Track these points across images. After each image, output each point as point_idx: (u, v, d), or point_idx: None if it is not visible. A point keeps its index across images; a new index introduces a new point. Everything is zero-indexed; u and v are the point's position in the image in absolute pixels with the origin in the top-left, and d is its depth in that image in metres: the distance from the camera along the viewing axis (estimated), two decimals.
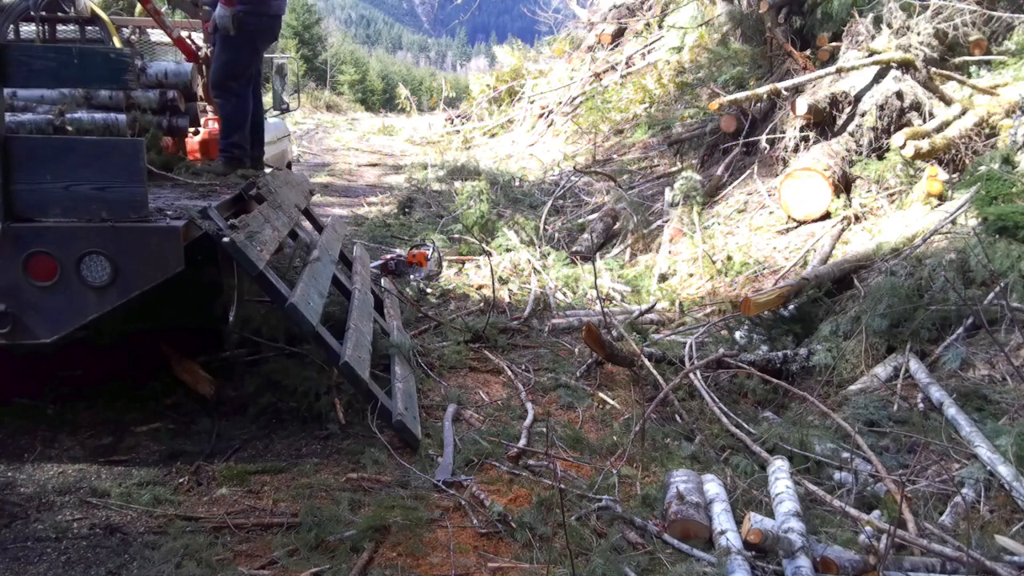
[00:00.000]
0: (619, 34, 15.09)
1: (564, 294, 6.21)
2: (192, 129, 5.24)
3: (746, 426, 3.76)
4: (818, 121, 7.02)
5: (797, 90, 7.35)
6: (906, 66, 6.64)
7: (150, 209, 3.15)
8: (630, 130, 11.69)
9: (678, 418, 4.01)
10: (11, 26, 5.12)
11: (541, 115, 14.97)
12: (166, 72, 4.78)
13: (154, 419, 3.74)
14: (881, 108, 6.63)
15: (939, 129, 6.38)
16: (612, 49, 14.85)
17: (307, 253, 4.36)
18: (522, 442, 3.60)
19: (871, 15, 7.21)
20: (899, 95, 6.64)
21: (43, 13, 5.22)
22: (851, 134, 6.76)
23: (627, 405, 4.23)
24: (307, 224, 5.53)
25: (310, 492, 3.11)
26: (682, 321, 5.60)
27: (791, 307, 4.90)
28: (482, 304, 5.78)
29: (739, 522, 2.79)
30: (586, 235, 7.59)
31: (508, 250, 7.05)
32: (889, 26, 6.99)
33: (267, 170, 5.47)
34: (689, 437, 3.79)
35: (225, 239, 3.21)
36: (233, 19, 4.36)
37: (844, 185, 6.54)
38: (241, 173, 4.53)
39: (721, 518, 2.84)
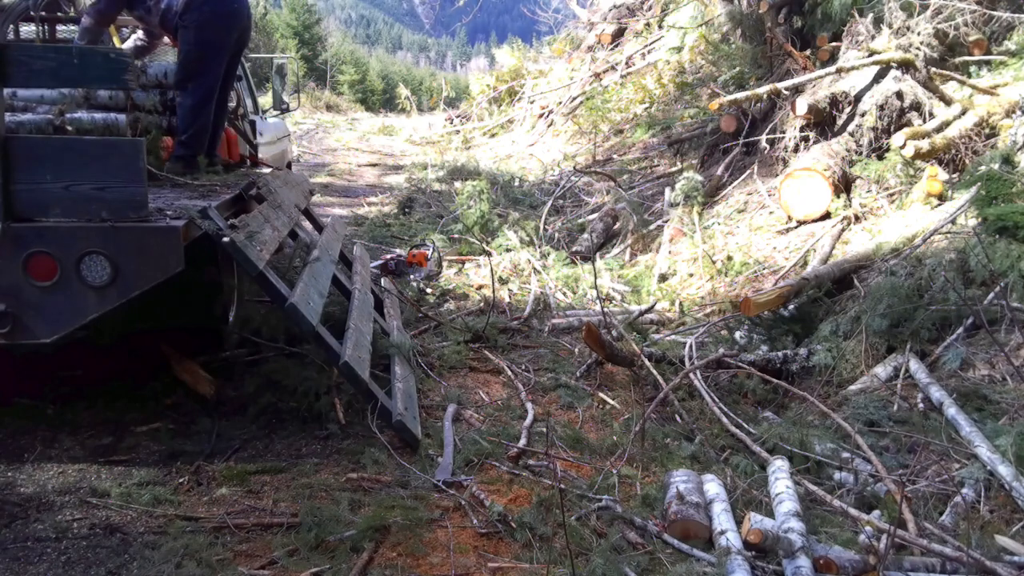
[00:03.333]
0: (619, 34, 15.09)
1: (564, 294, 6.21)
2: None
3: (746, 426, 3.76)
4: (818, 121, 7.02)
5: (797, 90, 7.35)
6: (906, 66, 6.64)
7: (150, 209, 3.15)
8: (630, 130, 11.70)
9: (678, 418, 4.01)
10: (11, 26, 5.11)
11: (541, 115, 14.98)
12: (166, 72, 4.78)
13: (154, 419, 3.73)
14: (881, 108, 6.63)
15: (939, 129, 6.38)
16: (612, 49, 14.86)
17: (307, 253, 4.36)
18: (522, 442, 3.60)
19: (871, 15, 7.22)
20: (899, 95, 6.64)
21: (43, 13, 5.21)
22: (851, 134, 6.76)
23: (627, 405, 4.23)
24: (307, 224, 5.53)
25: (310, 492, 3.11)
26: (682, 321, 5.60)
27: (791, 307, 4.90)
28: (482, 304, 5.78)
29: (739, 522, 2.79)
30: (586, 235, 7.59)
31: (508, 250, 7.05)
32: (889, 26, 6.99)
33: (265, 170, 5.48)
34: (689, 437, 3.79)
35: (225, 239, 3.21)
36: (84, 32, 4.50)
37: (844, 185, 6.54)
38: (243, 172, 4.53)
39: (721, 518, 2.84)
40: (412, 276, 6.37)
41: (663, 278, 6.43)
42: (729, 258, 6.36)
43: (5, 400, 3.75)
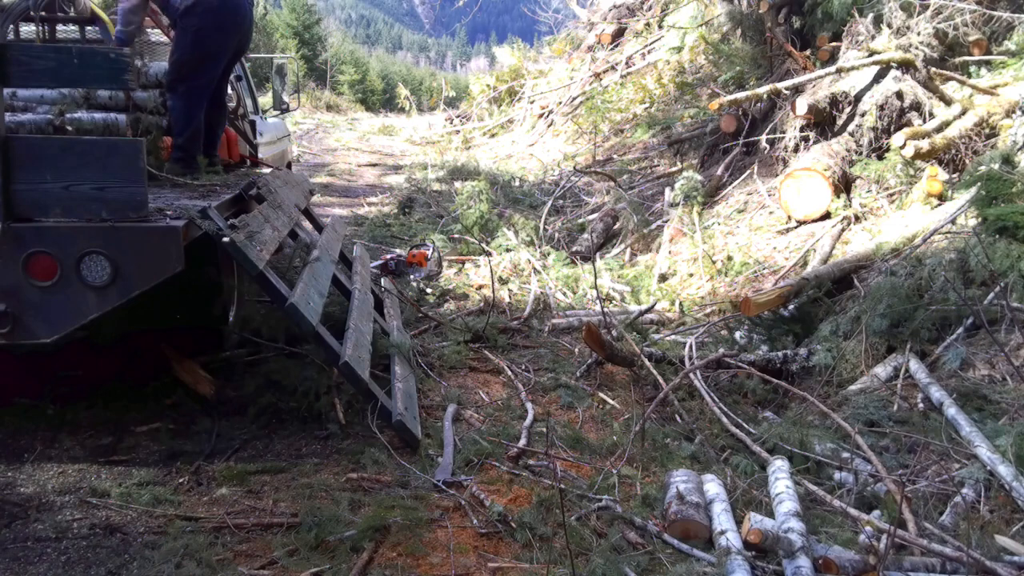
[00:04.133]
0: (619, 34, 15.09)
1: (564, 294, 6.21)
2: None
3: (746, 426, 3.76)
4: (818, 121, 7.02)
5: (797, 90, 7.35)
6: (906, 66, 6.64)
7: (150, 209, 3.15)
8: (630, 130, 11.70)
9: (678, 418, 4.01)
10: (11, 26, 5.11)
11: (541, 115, 14.98)
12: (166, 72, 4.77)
13: (154, 419, 3.74)
14: (881, 108, 6.63)
15: (939, 129, 6.38)
16: (612, 49, 14.86)
17: (307, 253, 4.36)
18: (522, 442, 3.60)
19: (871, 15, 7.22)
20: (899, 95, 6.64)
21: (43, 13, 5.21)
22: (851, 134, 6.76)
23: (627, 405, 4.23)
24: (307, 224, 5.53)
25: (310, 492, 3.11)
26: (682, 321, 5.60)
27: (791, 307, 4.91)
28: (482, 304, 5.78)
29: (739, 522, 2.79)
30: (586, 235, 7.59)
31: (508, 250, 7.05)
32: (889, 26, 6.99)
33: (265, 170, 5.47)
34: (689, 437, 3.79)
35: (225, 239, 3.21)
36: (126, 13, 4.34)
37: (844, 185, 6.54)
38: (243, 172, 4.53)
39: (721, 518, 2.84)
40: (412, 276, 6.37)
41: (663, 278, 6.43)
42: (729, 258, 6.36)
43: (5, 400, 3.75)
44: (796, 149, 7.21)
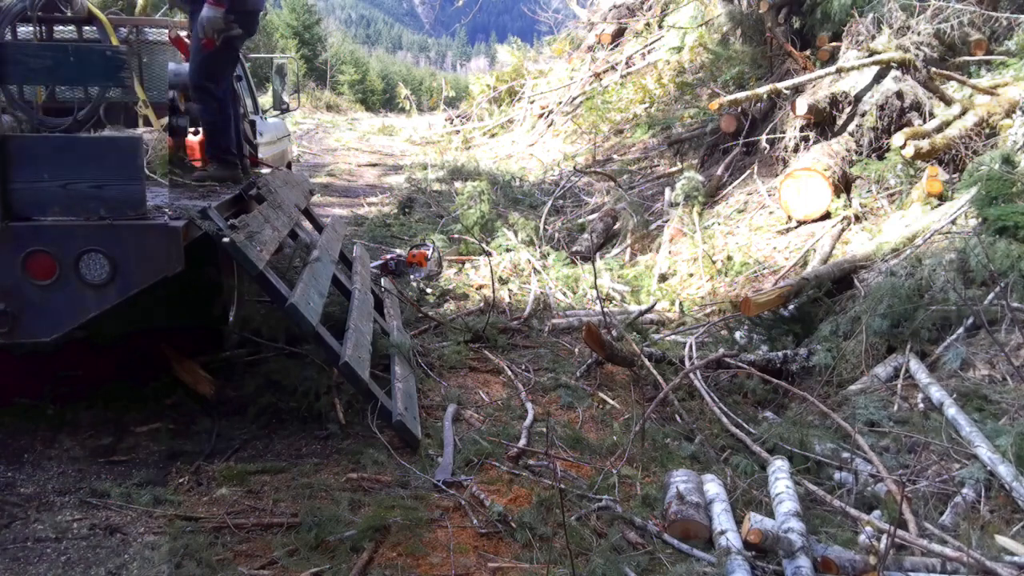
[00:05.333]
0: (619, 34, 15.09)
1: (564, 294, 6.20)
2: (192, 129, 5.22)
3: (746, 426, 3.76)
4: (818, 121, 7.02)
5: (797, 90, 7.35)
6: (906, 66, 6.64)
7: (148, 207, 3.15)
8: (630, 130, 11.70)
9: (678, 418, 4.01)
10: (8, 26, 5.11)
11: (541, 115, 14.98)
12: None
13: (154, 419, 3.73)
14: (881, 108, 6.63)
15: (939, 129, 6.38)
16: (612, 49, 14.86)
17: (307, 253, 4.36)
18: (522, 442, 3.60)
19: (871, 15, 7.22)
20: (899, 95, 6.64)
21: (40, 13, 5.20)
22: (851, 134, 6.76)
23: (627, 405, 4.23)
24: (307, 224, 5.53)
25: (310, 492, 3.11)
26: (682, 321, 5.60)
27: (791, 307, 4.90)
28: (482, 304, 5.77)
29: (739, 522, 2.79)
30: (586, 235, 7.59)
31: (508, 250, 7.05)
32: (889, 26, 6.99)
33: (265, 170, 5.47)
34: (689, 437, 3.79)
35: (225, 239, 3.21)
36: (224, 21, 4.11)
37: (844, 185, 6.54)
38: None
39: (721, 518, 2.84)
40: (412, 276, 6.37)
41: (663, 278, 6.43)
42: (729, 258, 6.36)
43: (5, 400, 3.75)
44: (796, 149, 7.21)
